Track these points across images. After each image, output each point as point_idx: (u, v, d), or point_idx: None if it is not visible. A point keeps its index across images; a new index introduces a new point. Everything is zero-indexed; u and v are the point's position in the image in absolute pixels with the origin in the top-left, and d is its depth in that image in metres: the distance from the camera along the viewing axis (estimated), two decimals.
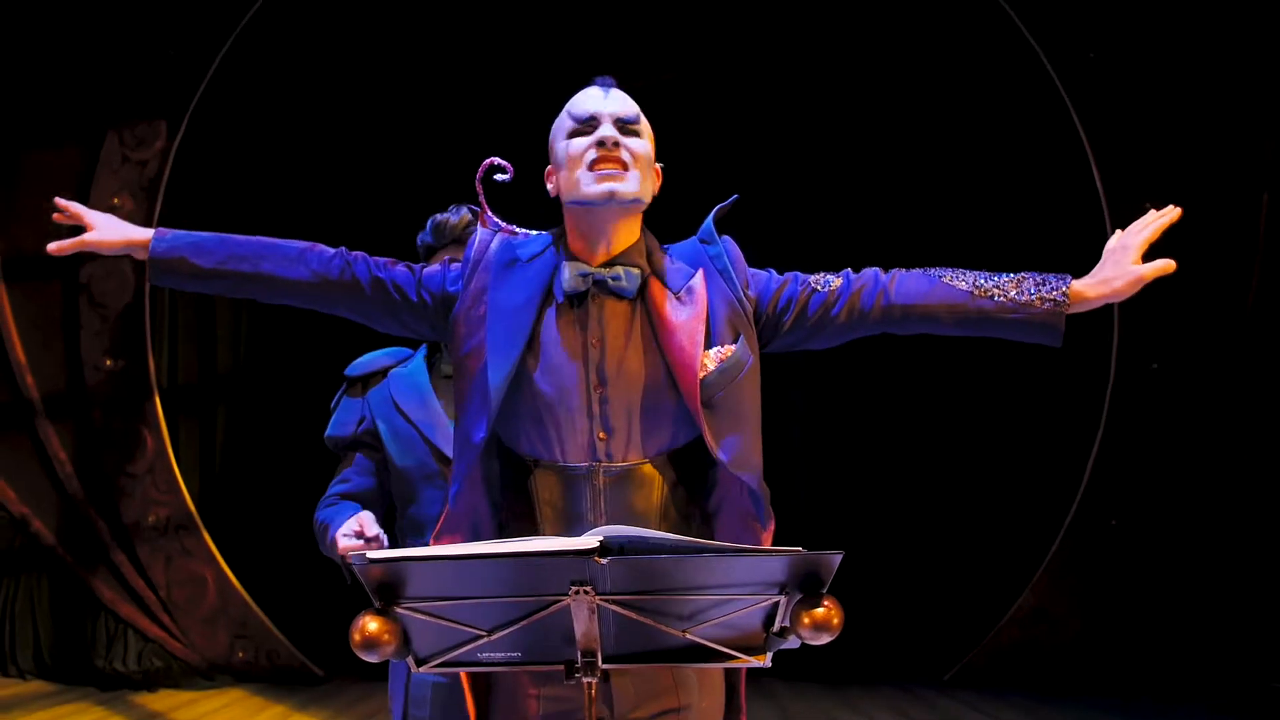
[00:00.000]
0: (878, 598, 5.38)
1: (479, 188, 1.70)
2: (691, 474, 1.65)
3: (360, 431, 2.13)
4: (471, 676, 1.63)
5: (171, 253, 1.68)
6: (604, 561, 1.17)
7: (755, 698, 4.81)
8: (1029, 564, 5.10)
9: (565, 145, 1.62)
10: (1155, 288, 1.65)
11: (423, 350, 2.18)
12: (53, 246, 1.72)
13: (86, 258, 4.27)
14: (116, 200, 5.00)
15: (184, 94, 5.02)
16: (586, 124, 1.62)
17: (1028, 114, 5.22)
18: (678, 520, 1.63)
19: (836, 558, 1.21)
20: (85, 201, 4.88)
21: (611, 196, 1.58)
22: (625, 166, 1.60)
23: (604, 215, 1.61)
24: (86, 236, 1.70)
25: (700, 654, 1.37)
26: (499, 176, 1.70)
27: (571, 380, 1.59)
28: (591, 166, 1.58)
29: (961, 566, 5.38)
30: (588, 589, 1.21)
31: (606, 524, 1.55)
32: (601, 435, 1.58)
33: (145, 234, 1.70)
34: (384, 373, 2.16)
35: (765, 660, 1.38)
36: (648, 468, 1.61)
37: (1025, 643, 5.04)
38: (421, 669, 1.38)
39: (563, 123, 1.65)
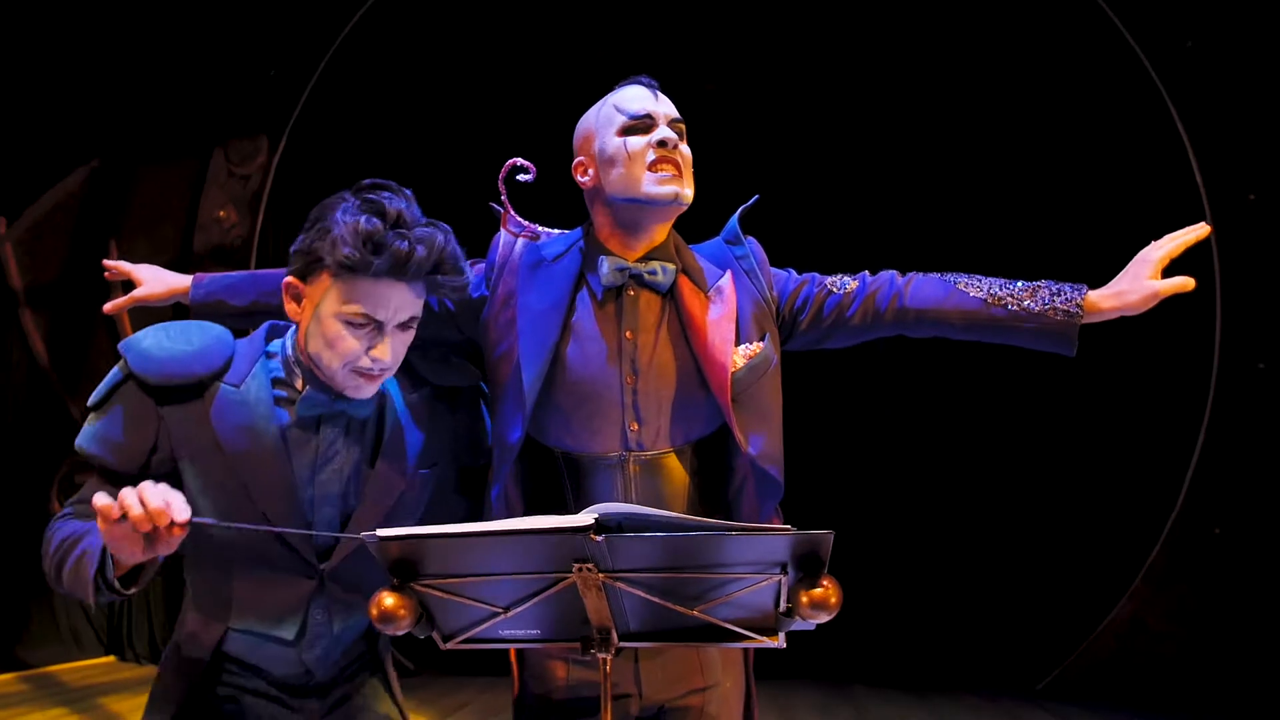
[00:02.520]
0: (968, 603, 5.28)
1: (502, 188, 1.74)
2: (712, 463, 1.70)
3: (149, 462, 1.56)
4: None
5: (209, 297, 1.82)
6: (599, 539, 1.21)
7: (835, 700, 4.78)
8: (1127, 572, 4.90)
9: (620, 142, 1.64)
10: (1263, 284, 1.62)
11: (264, 358, 1.62)
12: (108, 306, 1.89)
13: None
14: (222, 213, 5.30)
15: (283, 111, 5.30)
16: (642, 122, 1.65)
17: (1122, 107, 5.03)
18: (700, 506, 1.68)
19: (829, 536, 1.23)
20: (194, 214, 5.33)
21: (675, 198, 1.63)
22: (680, 168, 1.65)
23: (657, 214, 1.66)
24: (136, 292, 1.86)
25: (715, 634, 1.40)
26: (522, 177, 1.74)
27: (606, 371, 1.63)
28: (652, 167, 1.62)
29: (1056, 573, 5.20)
30: (590, 566, 1.26)
31: None
32: (634, 425, 1.63)
33: (185, 282, 1.85)
34: (199, 386, 1.57)
35: (778, 641, 1.40)
36: (674, 457, 1.65)
37: (1122, 655, 4.85)
38: (448, 645, 1.44)
39: (609, 117, 1.67)
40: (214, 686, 1.67)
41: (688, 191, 1.65)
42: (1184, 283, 1.66)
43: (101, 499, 1.29)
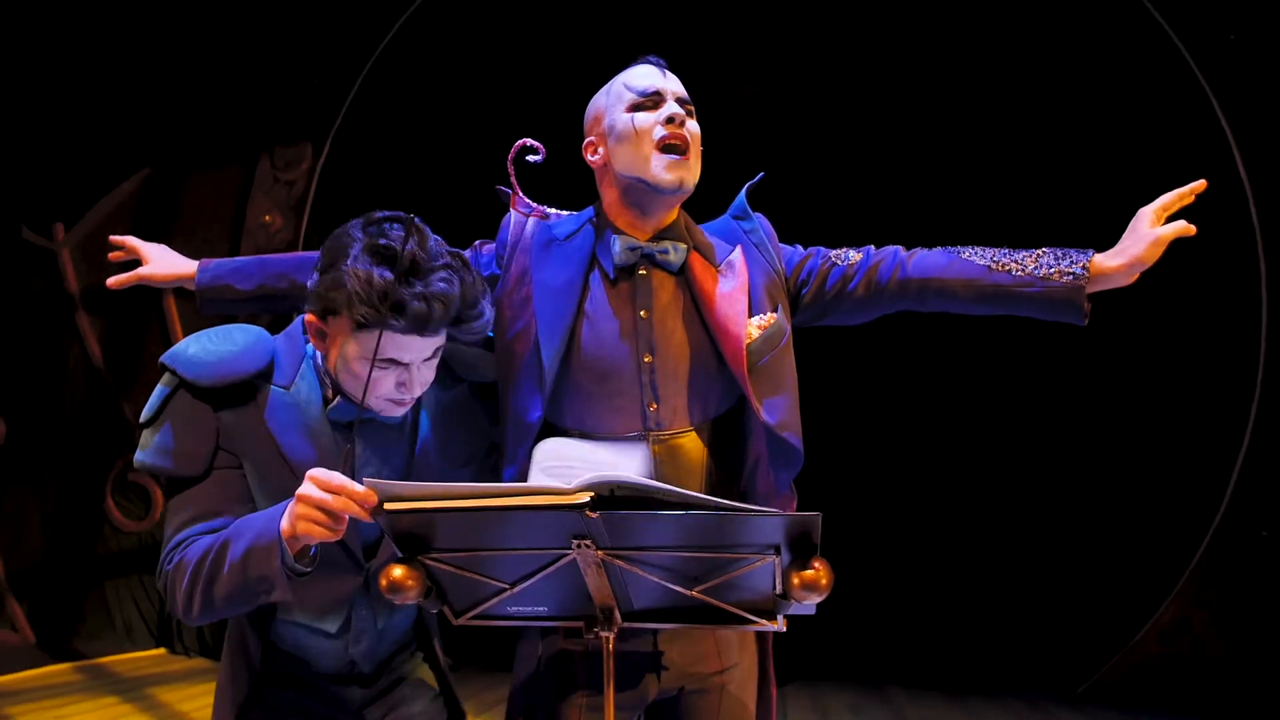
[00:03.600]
0: (1007, 604, 5.22)
1: (510, 169, 1.75)
2: (729, 443, 1.70)
3: (212, 465, 1.58)
4: None
5: (215, 281, 1.82)
6: (594, 515, 1.24)
7: (871, 702, 4.75)
8: (1171, 574, 4.79)
9: (629, 118, 1.65)
10: None
11: (308, 360, 1.63)
12: (111, 281, 1.87)
13: None
14: (268, 218, 5.43)
15: (327, 118, 5.42)
16: (650, 99, 1.65)
17: (1163, 103, 4.92)
18: (719, 485, 1.68)
19: (817, 518, 1.24)
20: (241, 219, 5.47)
21: (681, 185, 1.64)
22: (688, 147, 1.65)
23: (663, 200, 1.66)
24: (141, 270, 1.86)
25: (717, 615, 1.41)
26: (531, 158, 1.76)
27: (622, 350, 1.63)
28: (660, 145, 1.63)
29: (1098, 574, 5.13)
30: (588, 542, 1.29)
31: None
32: (652, 405, 1.63)
33: (191, 266, 1.85)
34: (248, 386, 1.59)
35: (778, 624, 1.41)
36: (693, 435, 1.65)
37: (1165, 658, 4.75)
38: (459, 621, 1.48)
39: (619, 95, 1.68)
40: (268, 678, 1.68)
41: (691, 179, 1.66)
42: (1185, 227, 1.63)
43: (315, 491, 1.37)
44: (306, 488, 1.38)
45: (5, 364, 5.62)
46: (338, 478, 1.37)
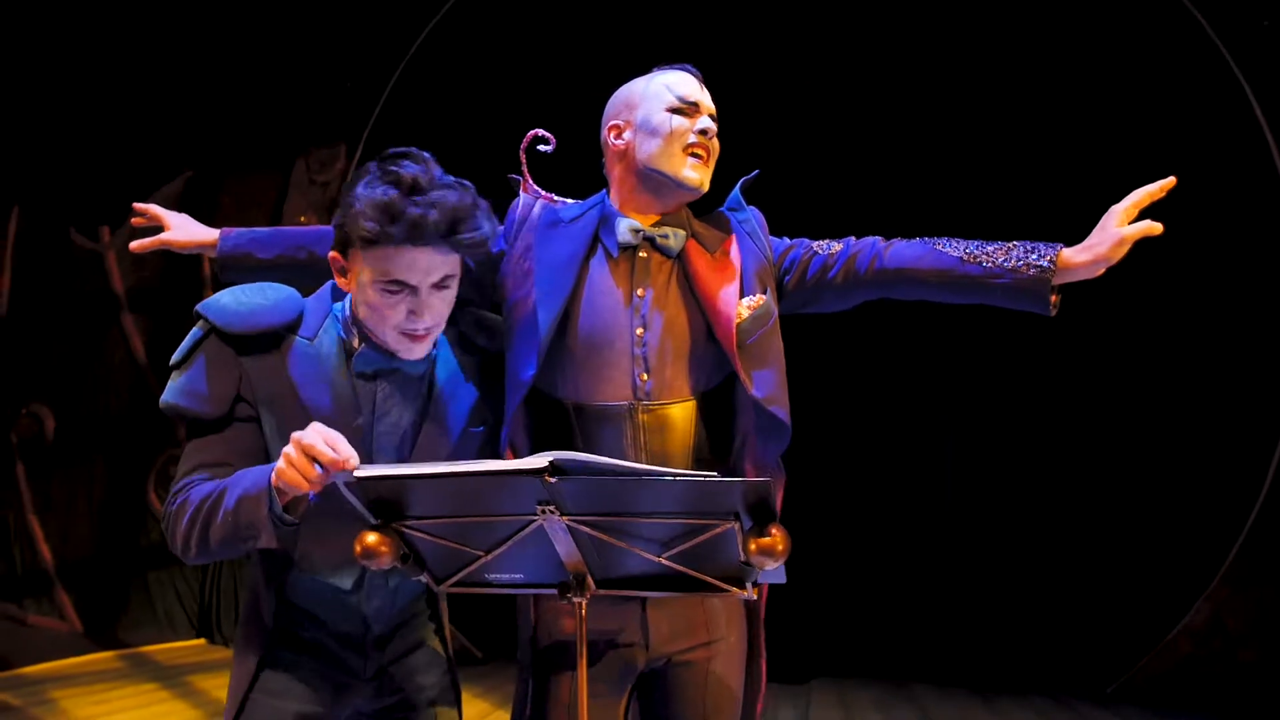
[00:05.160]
0: (1037, 602, 5.15)
1: (522, 157, 1.86)
2: (720, 419, 1.77)
3: (233, 410, 1.64)
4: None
5: (236, 250, 1.89)
6: (553, 480, 1.28)
7: (897, 700, 4.74)
8: (1204, 572, 4.73)
9: (666, 118, 1.77)
10: None
11: (333, 316, 1.70)
12: (134, 245, 1.93)
13: None
14: (304, 218, 5.57)
15: (360, 120, 5.56)
16: (689, 108, 1.78)
17: (1195, 93, 4.84)
18: (708, 457, 1.75)
19: (769, 483, 1.28)
20: (278, 219, 5.63)
21: (699, 186, 1.78)
22: (709, 158, 1.79)
23: (679, 194, 1.79)
24: (163, 235, 1.92)
25: (687, 583, 1.45)
26: (542, 148, 1.87)
27: (617, 323, 1.73)
28: (688, 149, 1.76)
29: (1130, 572, 5.03)
30: (553, 508, 1.34)
31: (647, 460, 1.68)
32: (643, 376, 1.71)
33: (212, 234, 1.92)
34: (274, 336, 1.66)
35: (747, 591, 1.45)
36: (681, 408, 1.73)
37: (1197, 659, 4.68)
38: (441, 588, 1.53)
39: (659, 93, 1.80)
40: (284, 637, 1.72)
41: (707, 181, 1.79)
42: (1150, 227, 1.66)
43: (310, 436, 1.41)
44: (307, 434, 1.43)
45: (54, 361, 5.82)
46: (336, 436, 1.42)
